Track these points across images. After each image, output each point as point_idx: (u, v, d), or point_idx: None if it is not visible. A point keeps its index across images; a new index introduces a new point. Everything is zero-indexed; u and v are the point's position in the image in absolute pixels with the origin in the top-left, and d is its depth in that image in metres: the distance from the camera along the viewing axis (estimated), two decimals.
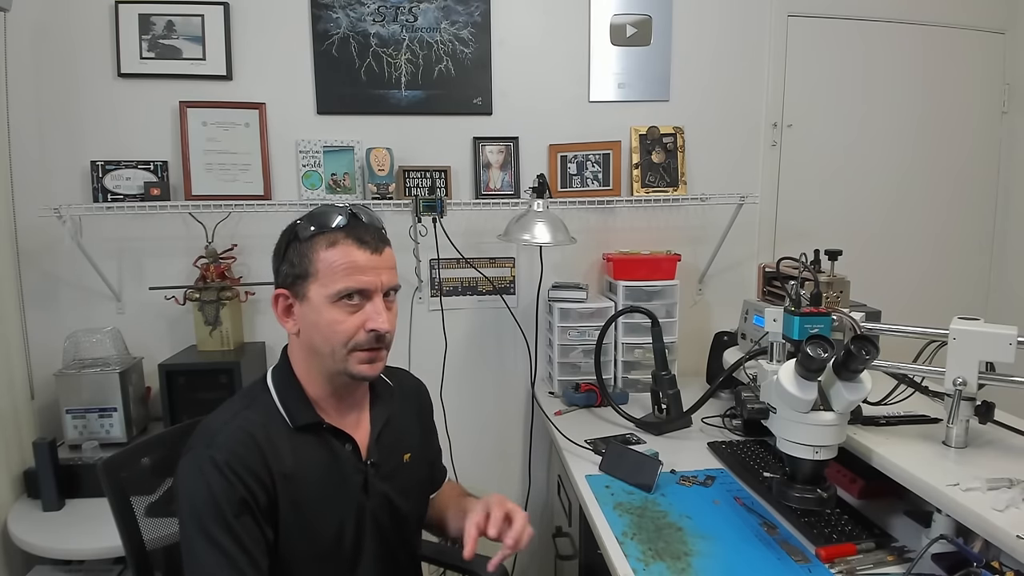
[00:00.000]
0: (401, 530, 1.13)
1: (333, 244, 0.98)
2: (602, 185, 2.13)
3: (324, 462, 1.02)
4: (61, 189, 1.89)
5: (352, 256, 0.97)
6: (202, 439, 0.96)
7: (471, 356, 2.17)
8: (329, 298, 0.97)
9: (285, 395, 1.03)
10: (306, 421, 1.02)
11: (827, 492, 1.13)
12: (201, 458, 0.92)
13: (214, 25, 1.92)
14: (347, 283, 0.97)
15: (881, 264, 2.27)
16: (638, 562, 1.08)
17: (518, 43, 2.07)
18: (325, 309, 0.97)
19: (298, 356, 1.05)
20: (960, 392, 1.16)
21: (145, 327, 1.98)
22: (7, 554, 1.65)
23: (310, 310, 0.99)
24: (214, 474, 0.91)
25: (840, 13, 2.21)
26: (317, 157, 1.99)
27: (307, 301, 0.99)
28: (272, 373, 1.07)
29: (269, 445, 0.97)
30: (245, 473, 0.92)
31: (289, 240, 1.01)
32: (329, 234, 0.98)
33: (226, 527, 0.90)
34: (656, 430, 1.66)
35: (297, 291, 1.00)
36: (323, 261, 0.97)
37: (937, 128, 2.33)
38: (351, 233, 0.99)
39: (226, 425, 0.97)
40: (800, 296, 1.22)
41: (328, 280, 0.97)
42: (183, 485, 0.93)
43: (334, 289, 0.97)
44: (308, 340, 1.01)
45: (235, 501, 0.91)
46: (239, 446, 0.94)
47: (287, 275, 1.01)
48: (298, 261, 0.99)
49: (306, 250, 0.98)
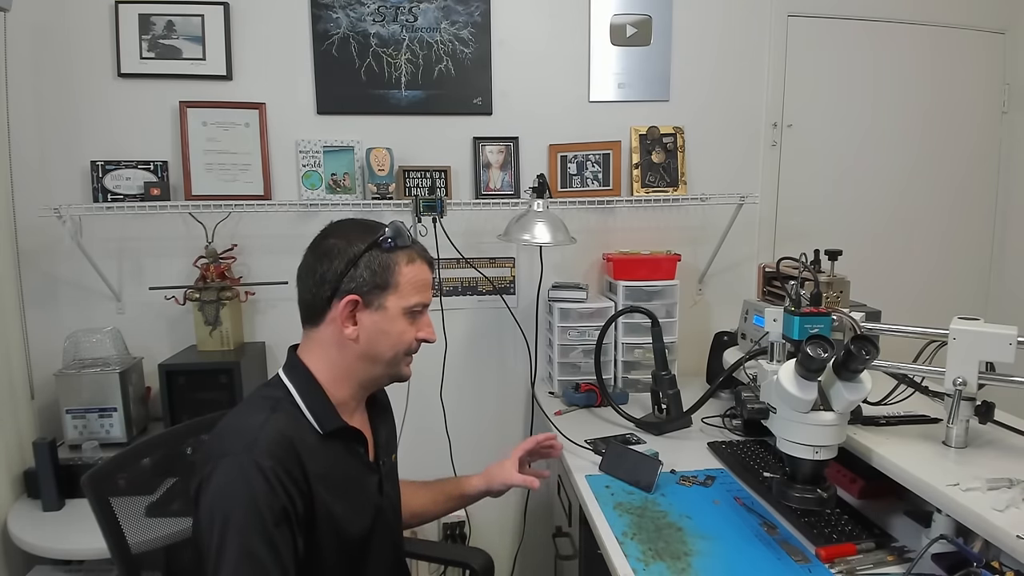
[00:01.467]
0: (399, 527, 1.19)
1: (412, 261, 1.04)
2: (602, 185, 2.13)
3: (348, 465, 1.04)
4: (61, 189, 1.89)
5: (425, 275, 1.07)
6: (240, 441, 0.92)
7: (471, 356, 2.17)
8: (404, 310, 1.03)
9: (311, 401, 1.01)
10: (334, 427, 1.01)
11: (827, 492, 1.13)
12: (244, 461, 0.88)
13: (214, 25, 1.92)
14: (420, 298, 1.05)
15: (881, 264, 2.27)
16: (638, 562, 1.08)
17: (518, 43, 2.07)
18: (399, 319, 1.03)
19: (329, 360, 1.03)
20: (960, 392, 1.16)
21: (145, 327, 1.98)
22: (7, 554, 1.65)
23: (383, 319, 1.02)
24: (259, 479, 0.88)
25: (840, 13, 2.21)
26: (317, 157, 1.99)
27: (383, 311, 1.02)
28: (289, 377, 1.04)
29: (305, 450, 0.95)
30: (287, 479, 0.90)
31: (367, 249, 1.01)
32: (408, 251, 1.04)
33: (265, 537, 0.87)
34: (656, 430, 1.66)
35: (372, 299, 1.01)
36: (404, 276, 1.03)
37: (937, 128, 2.33)
38: (421, 253, 1.07)
39: (264, 427, 0.93)
40: (800, 296, 1.21)
41: (407, 293, 1.03)
42: (221, 488, 0.88)
43: (411, 302, 1.04)
44: (370, 347, 1.02)
45: (277, 509, 0.88)
46: (281, 450, 0.92)
47: (365, 283, 1.00)
48: (380, 271, 1.01)
49: (389, 262, 1.02)
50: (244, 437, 0.92)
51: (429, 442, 2.13)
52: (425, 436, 2.13)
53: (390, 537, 1.13)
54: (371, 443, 1.11)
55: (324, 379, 1.03)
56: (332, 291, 1.00)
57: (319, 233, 1.06)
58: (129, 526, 1.15)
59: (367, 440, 1.09)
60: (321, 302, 1.01)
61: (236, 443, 0.92)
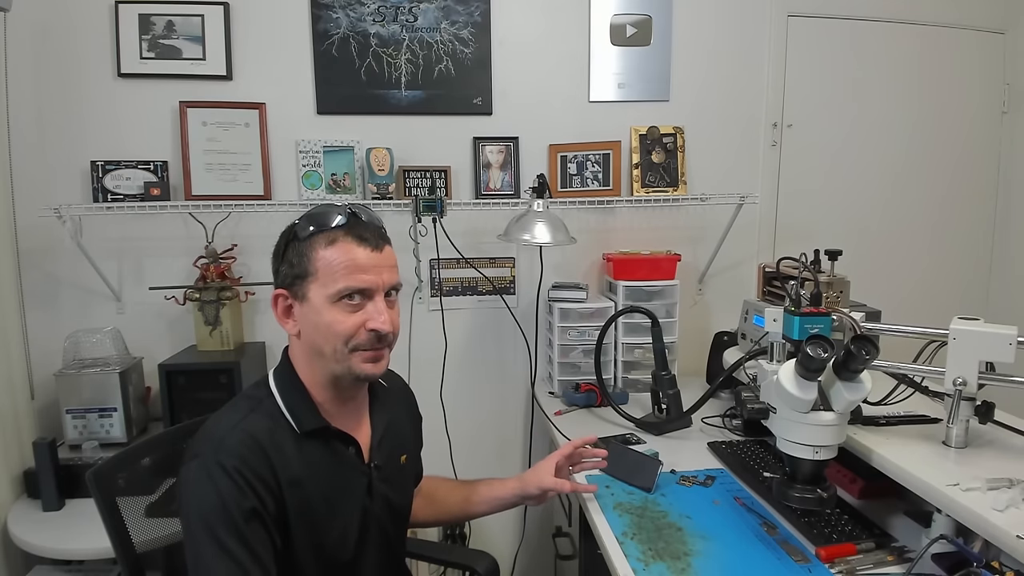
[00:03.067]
0: (397, 529, 1.16)
1: (332, 243, 0.96)
2: (602, 185, 2.13)
3: (330, 466, 1.01)
4: (61, 189, 1.89)
5: (352, 254, 0.95)
6: (209, 444, 0.92)
7: (471, 356, 2.17)
8: (329, 298, 0.95)
9: (289, 399, 1.01)
10: (312, 426, 0.99)
11: (827, 492, 1.13)
12: (209, 463, 0.89)
13: (214, 25, 1.92)
14: (347, 282, 0.95)
15: (881, 264, 2.27)
16: (638, 562, 1.08)
17: (518, 43, 2.07)
18: (325, 309, 0.95)
19: (300, 358, 1.03)
20: (960, 392, 1.15)
21: (145, 327, 1.98)
22: (7, 554, 1.65)
23: (310, 310, 0.97)
24: (224, 479, 0.88)
25: (840, 13, 2.21)
26: (317, 157, 1.99)
27: (307, 302, 0.97)
28: (274, 376, 1.04)
29: (276, 451, 0.94)
30: (254, 479, 0.90)
31: (288, 240, 1.00)
32: (328, 232, 0.96)
33: (236, 533, 0.87)
34: (656, 430, 1.66)
35: (296, 291, 0.98)
36: (322, 260, 0.95)
37: (937, 128, 2.33)
38: (351, 231, 0.97)
39: (233, 430, 0.93)
40: (800, 296, 1.21)
41: (328, 279, 0.95)
42: (190, 490, 0.90)
43: (334, 289, 0.95)
44: (310, 341, 0.99)
45: (246, 508, 0.88)
46: (247, 451, 0.91)
47: (286, 275, 0.99)
48: (297, 261, 0.97)
49: (305, 249, 0.96)
50: (212, 440, 0.93)
51: (429, 442, 2.10)
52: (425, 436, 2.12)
53: (383, 539, 1.10)
54: (366, 443, 1.09)
55: (304, 378, 1.02)
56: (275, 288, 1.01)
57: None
58: (130, 526, 1.14)
59: (355, 440, 1.05)
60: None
61: (204, 447, 0.92)
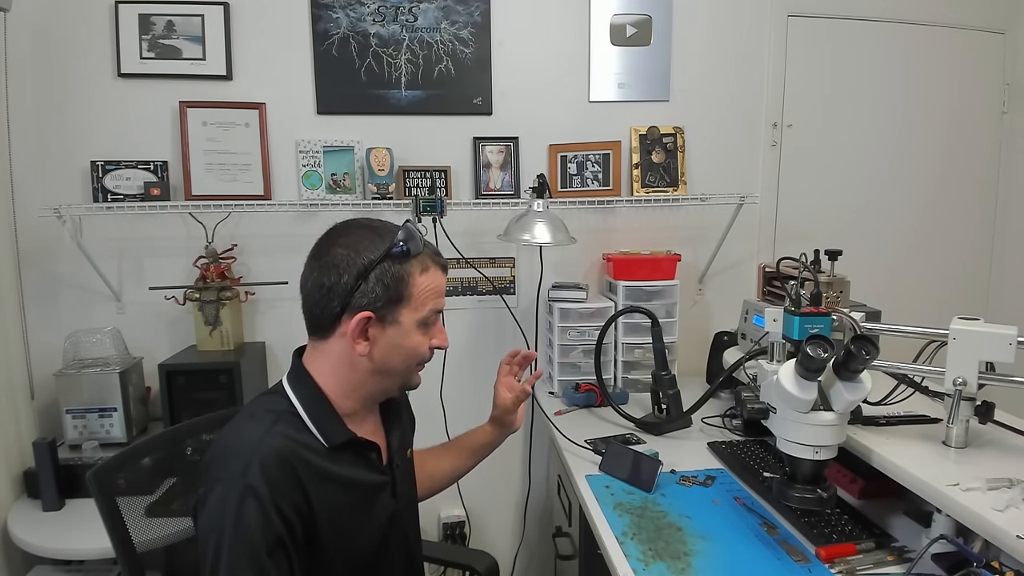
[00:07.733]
0: (416, 524, 1.18)
1: (426, 269, 0.99)
2: (602, 185, 2.13)
3: (357, 476, 1.00)
4: (61, 189, 1.89)
5: (439, 280, 1.01)
6: (236, 463, 0.87)
7: (471, 356, 2.17)
8: (419, 322, 0.98)
9: (315, 414, 0.97)
10: (341, 440, 0.97)
11: (827, 492, 1.13)
12: (237, 488, 0.85)
13: (214, 25, 1.92)
14: (434, 306, 1.00)
15: (881, 264, 2.27)
16: (638, 562, 1.08)
17: (518, 43, 2.07)
18: (413, 332, 0.98)
19: (338, 375, 0.99)
20: (960, 392, 1.16)
21: (145, 327, 1.98)
22: (7, 554, 1.65)
23: (397, 333, 0.97)
24: (252, 509, 0.84)
25: (840, 13, 2.21)
26: (317, 157, 1.99)
27: (396, 325, 0.97)
28: (292, 388, 1.00)
29: (305, 468, 0.91)
30: (285, 504, 0.87)
31: (378, 261, 0.95)
32: (420, 258, 0.98)
33: (257, 566, 0.84)
34: (656, 430, 1.66)
35: (386, 314, 0.96)
36: (419, 286, 0.97)
37: (937, 128, 2.33)
38: (433, 257, 1.01)
39: (258, 448, 0.89)
40: (800, 296, 1.21)
41: (419, 304, 0.98)
42: (214, 515, 0.85)
43: (424, 313, 0.98)
44: (383, 362, 0.98)
45: (271, 537, 0.85)
46: (277, 473, 0.88)
47: (378, 298, 0.95)
48: (394, 285, 0.95)
49: (402, 274, 0.96)
50: (240, 459, 0.88)
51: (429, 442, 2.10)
52: (425, 436, 2.09)
53: (403, 542, 1.11)
54: (384, 447, 1.08)
55: (332, 392, 0.99)
56: (342, 306, 0.95)
57: (324, 238, 0.99)
58: (131, 526, 1.14)
59: (379, 446, 1.05)
60: (330, 316, 0.96)
61: (232, 465, 0.88)
